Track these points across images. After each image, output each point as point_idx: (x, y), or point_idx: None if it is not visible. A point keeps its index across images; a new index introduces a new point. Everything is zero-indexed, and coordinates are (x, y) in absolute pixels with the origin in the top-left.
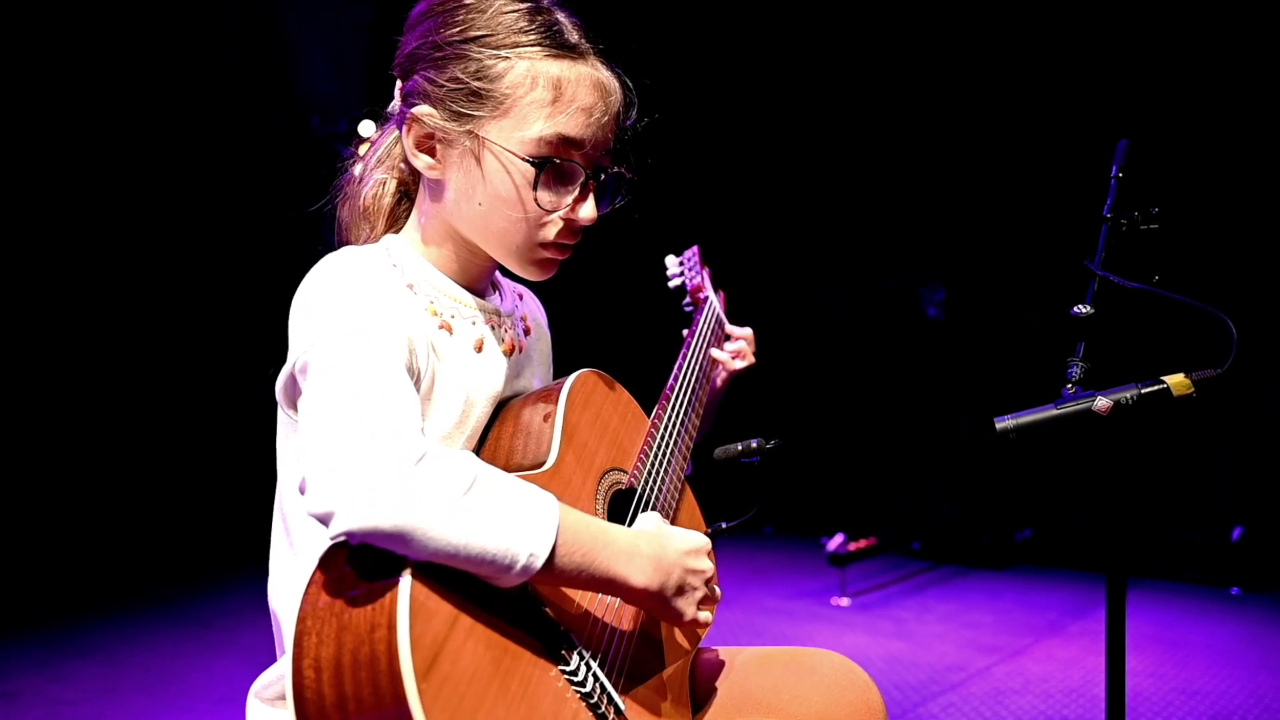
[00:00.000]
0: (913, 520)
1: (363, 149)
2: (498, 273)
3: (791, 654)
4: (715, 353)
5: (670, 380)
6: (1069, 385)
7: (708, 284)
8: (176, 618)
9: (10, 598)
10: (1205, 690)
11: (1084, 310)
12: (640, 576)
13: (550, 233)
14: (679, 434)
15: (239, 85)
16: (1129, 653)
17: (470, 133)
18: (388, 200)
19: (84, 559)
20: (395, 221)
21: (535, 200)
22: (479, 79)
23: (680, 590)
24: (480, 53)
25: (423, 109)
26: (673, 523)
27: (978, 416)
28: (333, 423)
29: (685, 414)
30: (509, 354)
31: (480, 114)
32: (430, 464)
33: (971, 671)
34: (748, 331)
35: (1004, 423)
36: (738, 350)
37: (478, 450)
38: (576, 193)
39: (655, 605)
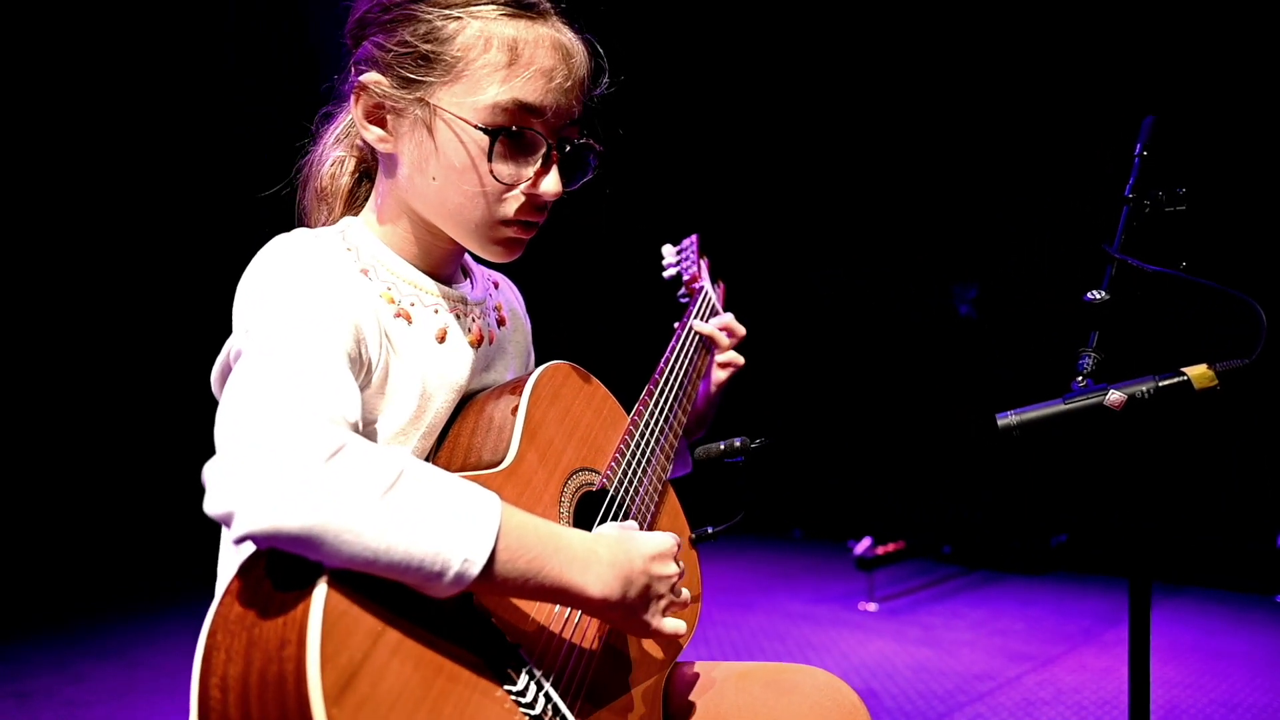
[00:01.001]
0: (944, 523)
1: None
2: (469, 259)
3: (773, 670)
4: (715, 336)
5: (655, 375)
6: (1079, 378)
7: (705, 274)
8: (193, 620)
9: (28, 598)
10: (1246, 703)
11: (1098, 296)
12: (598, 585)
13: (510, 208)
14: (662, 432)
15: (239, 85)
16: (1166, 663)
17: (421, 100)
18: (345, 180)
19: (101, 560)
20: (355, 203)
21: (491, 172)
22: (428, 41)
23: (644, 599)
24: (430, 13)
25: (371, 76)
26: (654, 527)
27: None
28: (242, 412)
29: (670, 411)
30: (476, 344)
31: (430, 79)
32: (347, 459)
33: (1001, 681)
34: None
35: (1007, 419)
36: (730, 342)
37: (438, 446)
38: (538, 164)
39: (618, 618)
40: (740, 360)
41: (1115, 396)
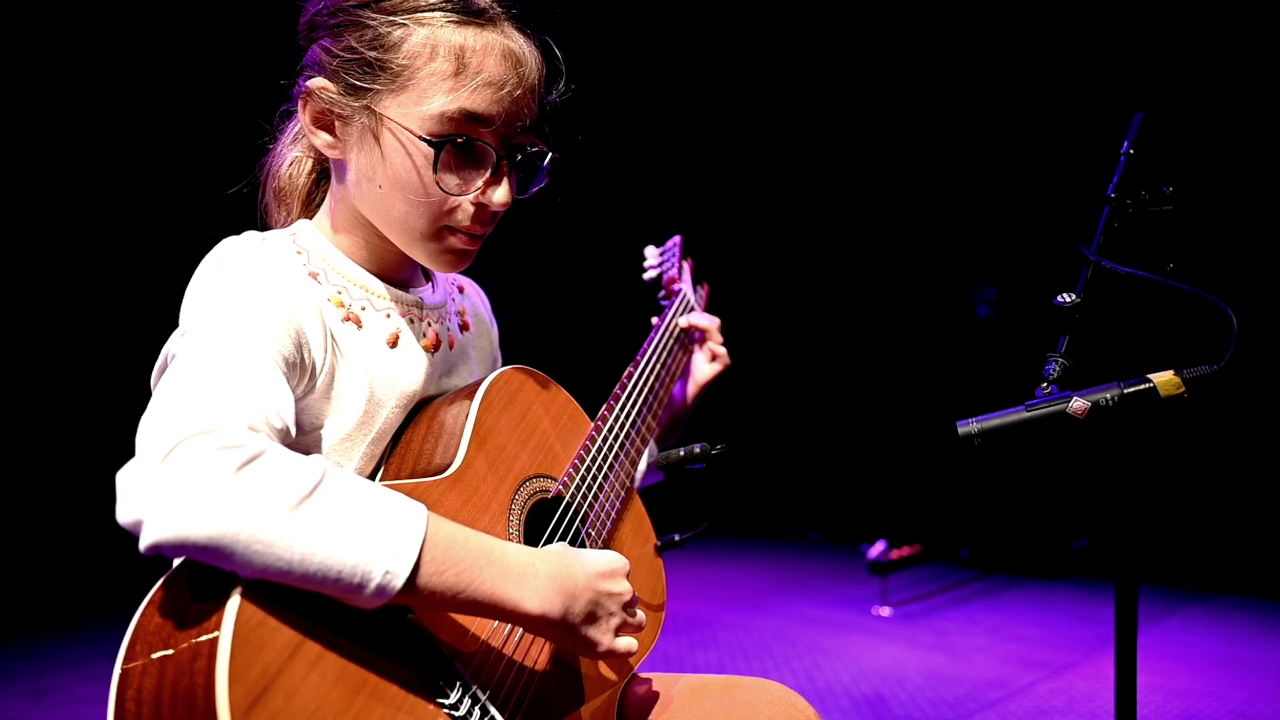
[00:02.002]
0: (962, 527)
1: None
2: None
3: (726, 684)
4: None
5: (623, 379)
6: (1044, 384)
7: (686, 276)
8: None
9: (49, 596)
10: (1267, 713)
11: (1068, 300)
12: (535, 601)
13: (458, 218)
14: (627, 437)
15: (204, 79)
16: (1184, 672)
17: (367, 108)
18: (303, 181)
19: (123, 560)
20: (312, 203)
21: (438, 183)
22: (374, 48)
23: (591, 617)
24: (376, 19)
25: (317, 81)
26: (614, 535)
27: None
28: (160, 417)
29: (638, 416)
30: (433, 349)
31: (376, 87)
32: (260, 467)
33: (1013, 688)
34: (712, 321)
35: (967, 426)
36: (713, 349)
37: (388, 453)
38: (488, 174)
39: (560, 635)
40: (725, 357)
41: (1078, 404)
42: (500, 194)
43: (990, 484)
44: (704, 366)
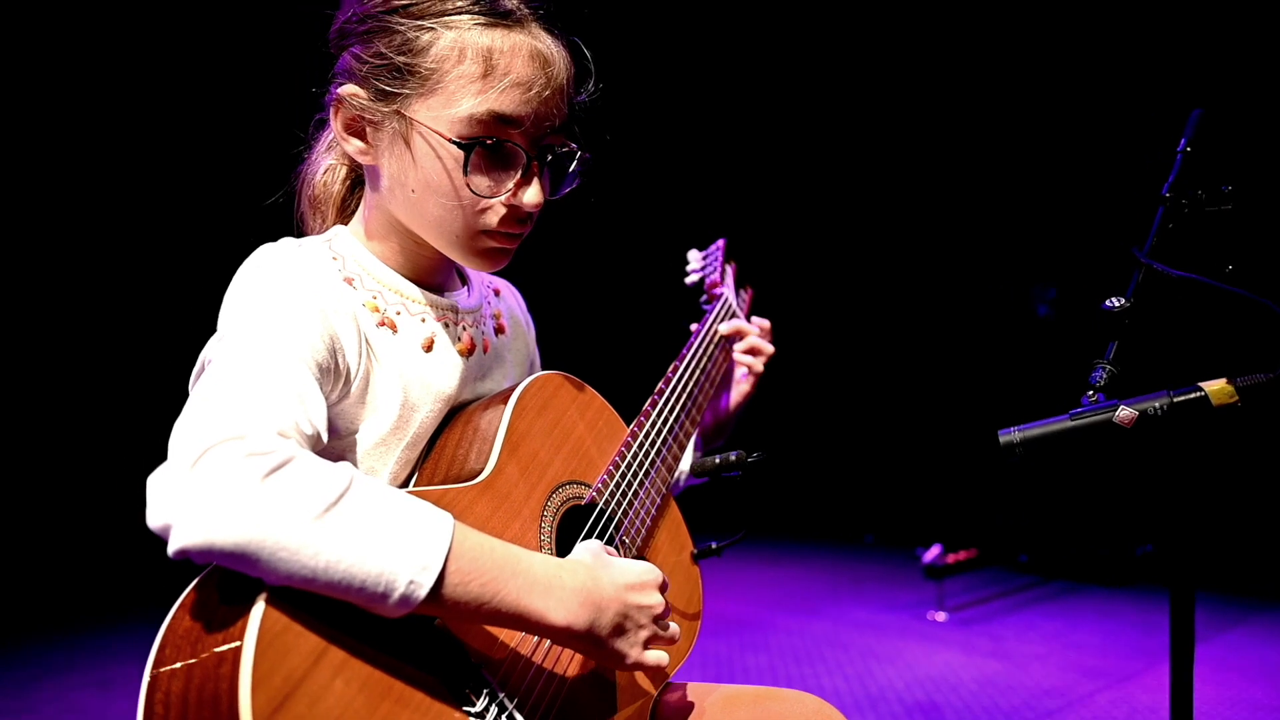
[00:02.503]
0: (1021, 530)
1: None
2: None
3: (760, 694)
4: (735, 331)
5: (660, 384)
6: (1090, 392)
7: (729, 280)
8: None
9: (115, 589)
10: None
11: (1117, 304)
12: (561, 613)
13: (491, 220)
14: (665, 443)
15: (241, 88)
16: (1253, 684)
17: (397, 113)
18: (338, 188)
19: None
20: (347, 210)
21: (468, 185)
22: (403, 53)
23: (619, 630)
24: (404, 24)
25: (348, 88)
26: (649, 542)
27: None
28: (191, 422)
29: (675, 422)
30: (467, 353)
31: (406, 92)
32: (287, 475)
33: (1071, 698)
34: (762, 323)
35: (1009, 435)
36: (750, 347)
37: (423, 458)
38: (518, 176)
39: (587, 647)
40: (760, 367)
41: (1125, 413)
42: (531, 195)
43: (1051, 486)
44: (743, 373)
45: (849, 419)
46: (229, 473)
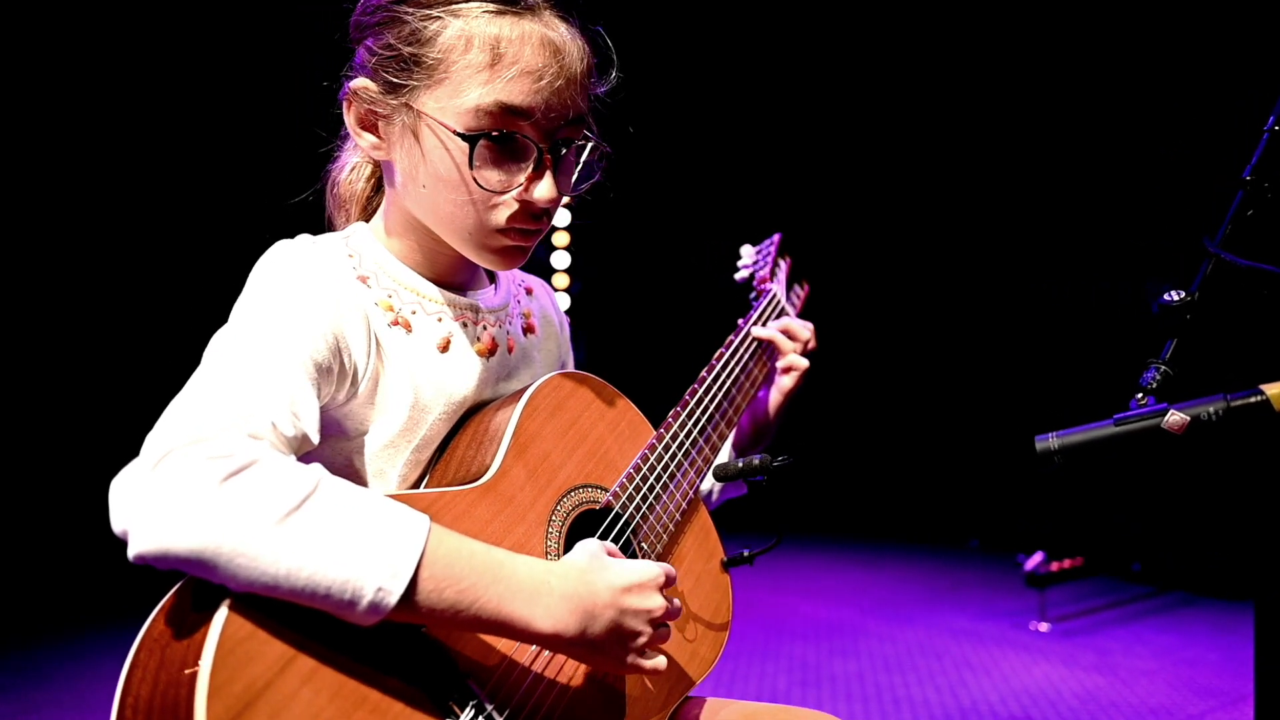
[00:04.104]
0: (1133, 538)
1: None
2: None
3: (778, 713)
4: (775, 340)
5: (694, 385)
6: (1139, 394)
7: (781, 276)
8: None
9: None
10: None
11: (1177, 298)
12: (547, 621)
13: (503, 216)
14: (694, 446)
15: (271, 88)
16: None
17: (406, 105)
18: (361, 186)
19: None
20: (370, 209)
21: (476, 179)
22: (411, 44)
23: (615, 635)
24: (411, 14)
25: (359, 81)
26: (673, 549)
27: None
28: (161, 423)
29: (708, 423)
30: (487, 354)
31: (413, 83)
32: (249, 477)
33: (1181, 717)
34: (802, 326)
35: (1045, 442)
36: (793, 348)
37: (434, 461)
38: (530, 169)
39: (582, 654)
40: (804, 364)
41: (1175, 418)
42: (542, 189)
43: (1168, 489)
44: (780, 377)
45: (955, 418)
46: (186, 476)
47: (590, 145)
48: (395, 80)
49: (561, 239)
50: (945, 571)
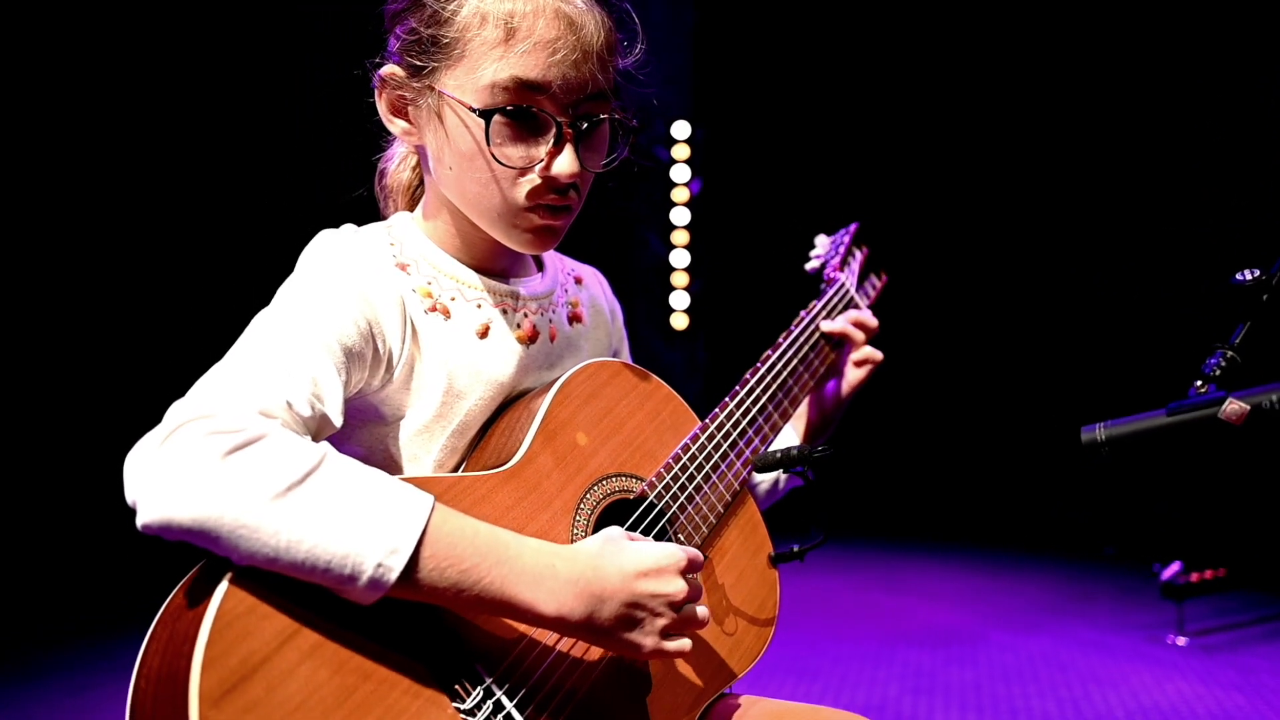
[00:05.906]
0: None
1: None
2: (553, 250)
3: (807, 713)
4: (847, 333)
5: (746, 375)
6: (1199, 382)
7: (853, 266)
8: None
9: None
10: None
11: (1250, 277)
12: (552, 604)
13: (525, 193)
14: (741, 437)
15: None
16: None
17: (429, 87)
18: (406, 175)
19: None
20: (414, 197)
21: (495, 155)
22: (431, 25)
23: (627, 620)
24: None
25: (387, 68)
26: (714, 542)
27: None
28: (181, 400)
29: (760, 414)
30: (528, 341)
31: (434, 64)
32: (253, 452)
33: None
34: (869, 318)
35: (1092, 433)
36: (861, 339)
37: (472, 447)
38: (550, 144)
39: (594, 639)
40: (878, 356)
41: (1234, 407)
42: (562, 164)
43: None
44: (853, 367)
45: (1083, 420)
46: (192, 450)
47: (618, 120)
48: (418, 63)
49: (681, 237)
50: (1076, 579)
